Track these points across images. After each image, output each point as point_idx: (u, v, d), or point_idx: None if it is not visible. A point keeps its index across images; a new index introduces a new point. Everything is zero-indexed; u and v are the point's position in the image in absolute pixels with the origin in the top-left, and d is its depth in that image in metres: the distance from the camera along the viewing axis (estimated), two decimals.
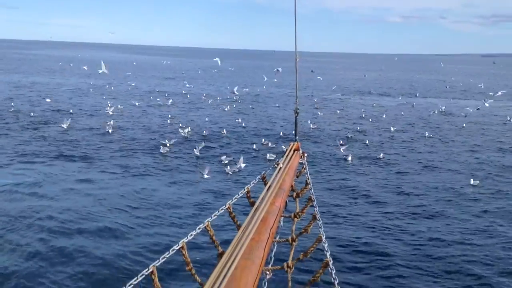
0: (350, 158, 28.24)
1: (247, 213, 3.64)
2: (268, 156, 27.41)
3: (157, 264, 3.24)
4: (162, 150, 28.73)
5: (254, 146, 30.83)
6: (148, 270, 3.17)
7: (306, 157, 6.10)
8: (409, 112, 51.25)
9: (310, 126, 38.56)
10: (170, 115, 42.60)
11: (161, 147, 29.19)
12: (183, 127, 35.59)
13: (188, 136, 33.43)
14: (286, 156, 5.65)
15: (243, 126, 38.89)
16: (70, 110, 43.36)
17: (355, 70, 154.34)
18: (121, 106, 46.50)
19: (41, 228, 16.59)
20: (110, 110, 43.48)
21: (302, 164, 5.90)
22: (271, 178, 4.71)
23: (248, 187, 4.73)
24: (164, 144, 30.05)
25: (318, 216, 4.27)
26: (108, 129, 34.57)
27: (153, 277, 3.17)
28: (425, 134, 36.87)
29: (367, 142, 33.39)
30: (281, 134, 35.65)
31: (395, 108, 54.66)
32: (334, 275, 3.30)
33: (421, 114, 49.60)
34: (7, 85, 65.22)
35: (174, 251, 3.43)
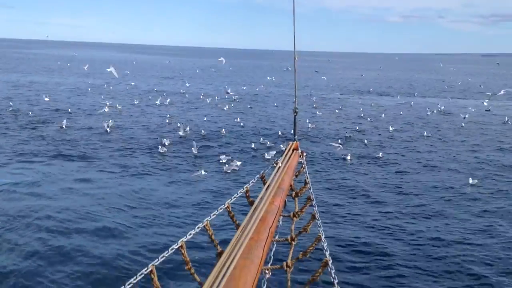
0: (349, 158, 28.25)
1: (246, 213, 3.64)
2: (267, 156, 27.37)
3: (156, 263, 3.24)
4: (161, 150, 28.71)
5: (253, 146, 30.81)
6: (148, 269, 3.18)
7: (305, 157, 6.09)
8: (408, 112, 51.24)
9: (309, 126, 38.55)
10: (169, 115, 42.54)
11: (160, 147, 29.17)
12: (182, 127, 35.55)
13: (187, 136, 33.41)
14: (285, 156, 5.64)
15: (242, 126, 38.86)
16: (69, 110, 43.30)
17: (355, 70, 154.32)
18: (120, 106, 46.44)
19: (40, 228, 16.56)
20: (109, 110, 43.40)
21: (301, 164, 5.89)
22: (270, 178, 4.70)
23: (247, 187, 4.72)
24: (163, 144, 30.03)
25: (317, 216, 4.26)
26: (107, 129, 34.54)
27: (153, 276, 3.17)
28: (424, 134, 36.88)
29: (366, 142, 33.40)
30: (280, 134, 35.62)
31: (394, 108, 54.66)
32: (334, 275, 3.30)
33: (420, 114, 49.59)
34: (6, 85, 65.07)
35: (173, 250, 3.43)
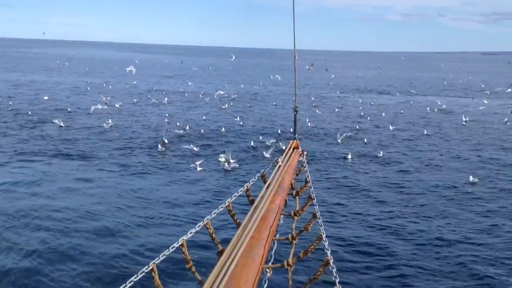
0: (350, 156, 28.22)
1: (247, 211, 3.63)
2: (267, 155, 27.35)
3: (157, 262, 3.25)
4: (161, 149, 28.71)
5: (253, 144, 30.82)
6: (148, 268, 3.18)
7: (306, 155, 6.07)
8: (409, 110, 51.13)
9: (309, 124, 38.52)
10: (168, 114, 42.54)
11: (160, 146, 29.17)
12: (182, 126, 35.57)
13: (187, 135, 33.40)
14: (286, 154, 5.62)
15: (242, 125, 38.85)
16: (68, 109, 43.29)
17: (354, 68, 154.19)
18: (119, 105, 46.43)
19: (40, 227, 16.56)
20: (108, 109, 43.39)
21: (302, 162, 5.87)
22: (271, 176, 4.69)
23: (248, 185, 4.71)
24: (163, 143, 30.05)
25: (318, 215, 4.25)
26: (107, 128, 34.55)
27: (153, 275, 3.17)
28: (425, 132, 36.85)
29: (367, 140, 33.35)
30: (280, 132, 35.61)
31: (394, 106, 54.62)
32: (335, 274, 3.29)
33: (421, 112, 49.50)
34: (6, 84, 65.08)
35: (174, 249, 3.43)
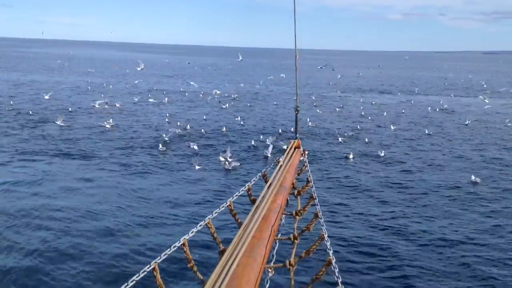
0: (351, 156, 28.15)
1: (248, 211, 3.61)
2: (268, 154, 27.34)
3: (159, 261, 3.26)
4: (162, 148, 28.71)
5: (254, 144, 30.81)
6: (150, 267, 3.18)
7: (307, 155, 6.06)
8: (410, 110, 51.00)
9: (310, 124, 38.47)
10: (169, 113, 42.56)
11: (161, 145, 29.17)
12: (183, 125, 35.58)
13: (188, 134, 33.41)
14: (287, 154, 5.60)
15: (243, 124, 38.84)
16: (69, 108, 43.28)
17: (355, 68, 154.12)
18: (120, 104, 46.46)
19: (41, 226, 16.57)
20: (109, 108, 43.39)
21: (303, 162, 5.86)
22: (272, 176, 4.67)
23: (249, 185, 4.70)
24: (164, 142, 30.06)
25: (320, 214, 4.24)
26: (107, 127, 34.58)
27: (155, 274, 3.18)
28: (426, 132, 36.77)
29: (368, 140, 33.29)
30: (281, 132, 35.60)
31: (396, 106, 54.56)
32: (337, 274, 3.28)
33: (422, 112, 49.39)
34: (6, 83, 65.12)
35: (176, 248, 3.43)
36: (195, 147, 28.70)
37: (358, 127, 38.46)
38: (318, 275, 3.54)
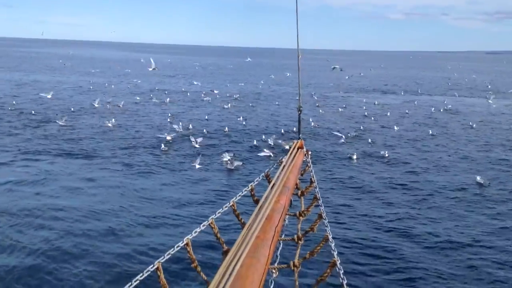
0: (355, 157, 27.97)
1: (251, 211, 3.60)
2: (271, 154, 27.30)
3: (162, 261, 3.25)
4: (164, 148, 28.73)
5: (257, 144, 30.76)
6: (154, 267, 3.18)
7: (310, 155, 6.04)
8: (414, 110, 50.56)
9: (313, 124, 38.37)
10: (171, 113, 42.60)
11: (163, 145, 29.19)
12: (185, 125, 35.59)
13: (190, 134, 33.38)
14: (290, 154, 5.58)
15: (245, 124, 38.81)
16: (72, 108, 43.33)
17: (357, 68, 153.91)
18: (122, 104, 46.50)
19: (44, 226, 16.59)
20: (112, 108, 43.44)
21: (306, 162, 5.84)
22: (275, 176, 4.65)
23: (252, 185, 4.69)
24: (166, 142, 30.08)
25: (324, 215, 4.22)
26: (110, 127, 34.64)
27: (159, 273, 3.18)
28: (431, 132, 36.49)
29: (372, 140, 33.11)
30: (283, 132, 35.54)
31: (399, 106, 54.30)
32: (342, 275, 3.26)
33: (426, 112, 49.03)
34: (9, 83, 65.27)
35: (179, 248, 3.43)
36: (198, 147, 28.69)
37: (361, 128, 38.32)
38: (323, 277, 3.51)
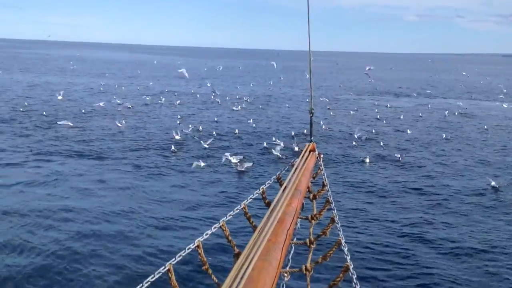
0: (368, 160, 27.58)
1: (262, 214, 3.57)
2: (282, 157, 27.19)
3: (173, 262, 3.26)
4: (174, 149, 28.80)
5: (267, 146, 30.61)
6: (165, 268, 3.18)
7: (323, 158, 5.99)
8: (428, 114, 49.87)
9: (324, 127, 38.13)
10: (181, 115, 42.75)
11: (173, 147, 29.25)
12: (195, 127, 35.67)
13: (200, 136, 33.46)
14: (302, 157, 5.55)
15: (255, 126, 38.74)
16: (82, 110, 43.67)
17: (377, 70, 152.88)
18: (132, 106, 46.82)
19: (55, 227, 16.68)
20: (122, 110, 43.72)
21: (318, 165, 5.80)
22: (287, 179, 4.61)
23: (263, 188, 4.66)
24: (176, 143, 30.18)
25: (337, 219, 4.17)
26: (120, 129, 34.85)
27: (170, 275, 3.18)
28: (445, 136, 35.94)
29: (385, 144, 32.75)
30: (294, 134, 35.41)
31: (412, 109, 53.75)
32: (356, 280, 3.21)
33: (440, 116, 48.39)
34: (21, 85, 66.07)
35: (190, 250, 3.43)
36: (208, 149, 28.71)
37: (374, 131, 37.86)
38: (335, 281, 3.47)
